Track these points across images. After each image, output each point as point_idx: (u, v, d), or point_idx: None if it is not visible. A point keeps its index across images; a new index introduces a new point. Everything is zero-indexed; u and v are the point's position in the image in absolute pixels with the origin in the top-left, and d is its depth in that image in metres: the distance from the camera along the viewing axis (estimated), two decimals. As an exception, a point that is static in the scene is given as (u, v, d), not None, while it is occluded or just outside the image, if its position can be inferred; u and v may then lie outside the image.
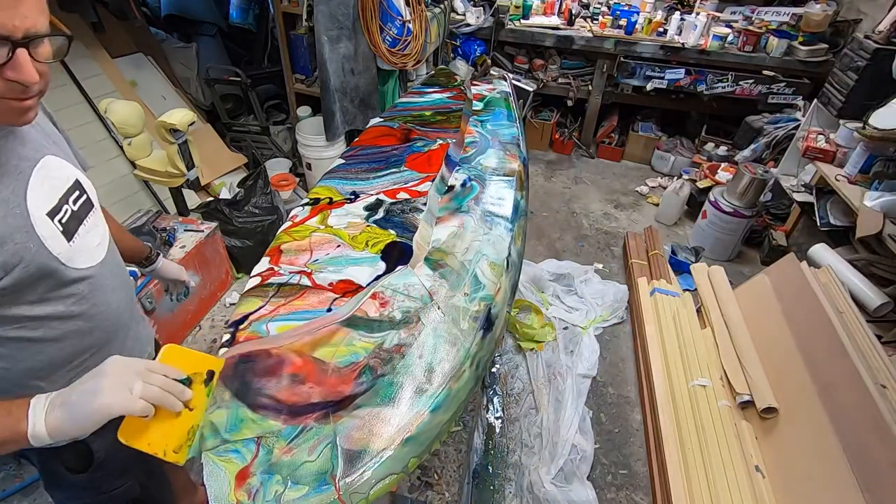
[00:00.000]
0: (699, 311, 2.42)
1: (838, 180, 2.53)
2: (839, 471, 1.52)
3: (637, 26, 3.79)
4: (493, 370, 2.28)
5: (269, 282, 1.09)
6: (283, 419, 0.79)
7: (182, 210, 2.47)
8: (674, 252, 2.92)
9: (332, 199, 1.38)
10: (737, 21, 3.67)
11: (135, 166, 2.29)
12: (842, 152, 2.63)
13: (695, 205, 3.41)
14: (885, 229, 2.17)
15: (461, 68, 3.75)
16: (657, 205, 3.65)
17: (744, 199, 2.92)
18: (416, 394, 0.85)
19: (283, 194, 2.87)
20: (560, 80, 4.09)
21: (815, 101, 2.92)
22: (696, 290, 2.55)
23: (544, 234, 3.32)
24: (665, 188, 3.58)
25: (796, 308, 2.01)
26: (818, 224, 2.63)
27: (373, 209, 1.32)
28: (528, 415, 2.11)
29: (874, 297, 2.19)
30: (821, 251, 2.49)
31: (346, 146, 2.02)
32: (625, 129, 4.33)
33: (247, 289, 1.09)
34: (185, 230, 2.27)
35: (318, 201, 1.38)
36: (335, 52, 2.67)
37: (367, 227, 1.25)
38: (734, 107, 3.80)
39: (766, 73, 3.52)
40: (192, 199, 2.71)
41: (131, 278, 1.04)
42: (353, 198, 1.38)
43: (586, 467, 1.91)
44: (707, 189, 3.31)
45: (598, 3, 4.13)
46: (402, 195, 1.37)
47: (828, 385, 1.70)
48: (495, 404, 2.14)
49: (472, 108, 2.01)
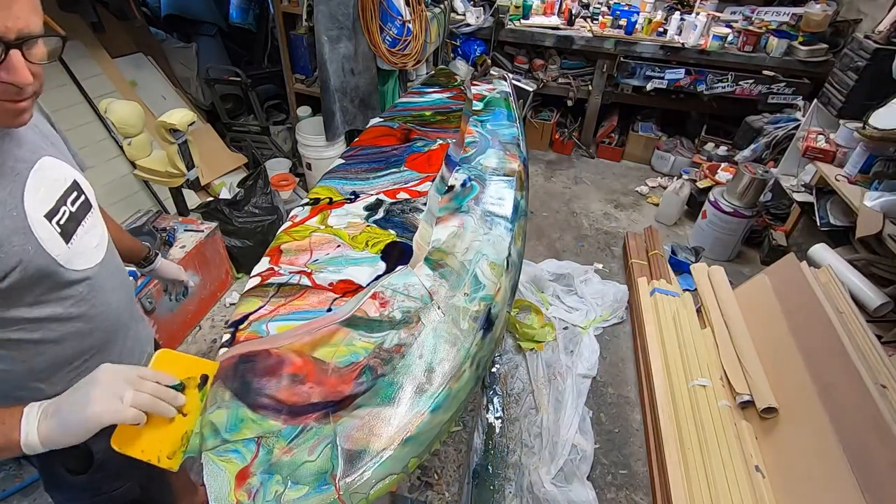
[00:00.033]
0: (699, 311, 2.42)
1: (838, 180, 2.53)
2: (839, 471, 1.52)
3: (637, 26, 3.79)
4: (493, 370, 2.28)
5: (269, 282, 1.09)
6: (283, 419, 0.79)
7: (182, 210, 2.48)
8: (674, 252, 2.92)
9: (332, 199, 1.38)
10: (737, 21, 3.67)
11: (135, 166, 2.29)
12: (842, 152, 2.63)
13: (695, 205, 3.41)
14: (885, 229, 2.17)
15: (461, 68, 3.75)
16: (657, 205, 3.64)
17: (744, 199, 2.92)
18: (416, 394, 0.85)
19: (283, 194, 2.87)
20: (560, 80, 4.09)
21: (815, 101, 2.91)
22: (696, 290, 2.55)
23: (544, 234, 3.32)
24: (665, 188, 3.58)
25: (796, 308, 2.01)
26: (818, 224, 2.63)
27: (373, 209, 1.32)
28: (528, 415, 2.11)
29: (874, 297, 2.19)
30: (821, 251, 2.49)
31: (346, 146, 2.02)
32: (625, 129, 4.33)
33: (247, 289, 1.09)
34: (185, 230, 2.27)
35: (318, 201, 1.38)
36: (335, 52, 2.67)
37: (367, 227, 1.26)
38: (734, 107, 3.80)
39: (766, 73, 3.52)
40: (192, 199, 2.71)
41: (131, 278, 1.04)
42: (353, 198, 1.38)
43: (586, 467, 1.91)
44: (707, 189, 3.31)
45: (598, 3, 4.12)
46: (402, 195, 1.37)
47: (828, 385, 1.70)
48: (495, 404, 2.14)
49: (472, 108, 2.01)
